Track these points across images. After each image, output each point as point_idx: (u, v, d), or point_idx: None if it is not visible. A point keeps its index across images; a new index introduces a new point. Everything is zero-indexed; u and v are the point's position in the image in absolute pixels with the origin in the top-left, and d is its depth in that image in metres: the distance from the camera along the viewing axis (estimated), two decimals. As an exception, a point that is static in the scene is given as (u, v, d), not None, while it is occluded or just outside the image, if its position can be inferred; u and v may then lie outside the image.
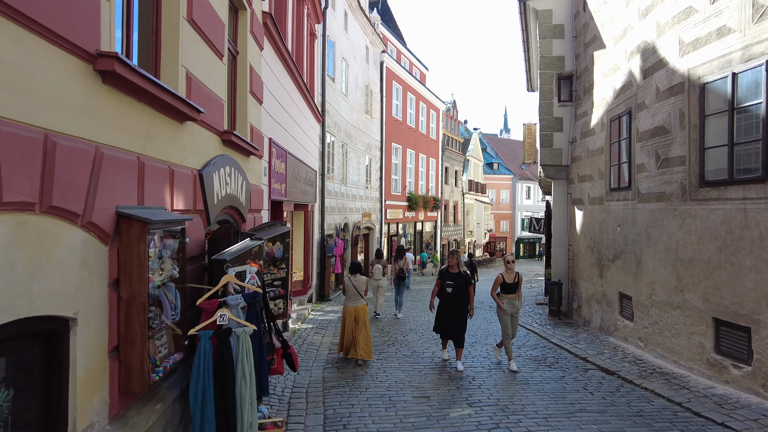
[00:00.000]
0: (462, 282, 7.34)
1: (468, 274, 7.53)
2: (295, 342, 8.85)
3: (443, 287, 7.45)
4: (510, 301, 7.36)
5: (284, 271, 6.13)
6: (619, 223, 8.86)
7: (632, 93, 8.29)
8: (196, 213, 4.14)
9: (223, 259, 3.53)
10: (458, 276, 7.40)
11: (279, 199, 8.39)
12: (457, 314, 7.30)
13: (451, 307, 7.35)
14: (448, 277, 7.45)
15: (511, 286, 7.40)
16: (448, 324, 7.40)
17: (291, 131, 9.66)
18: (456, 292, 7.31)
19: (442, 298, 7.50)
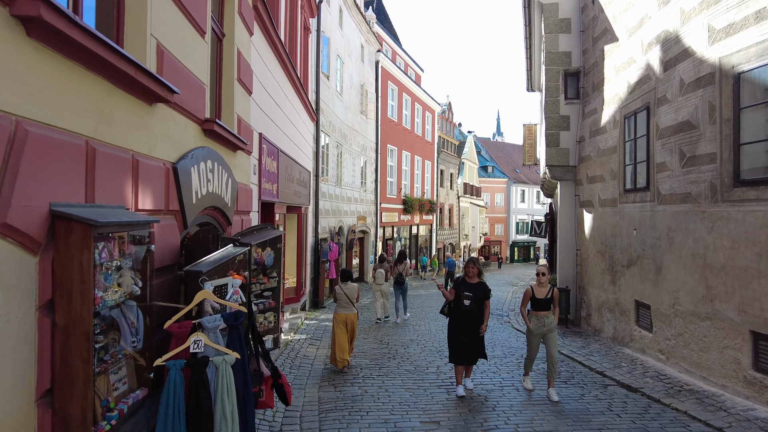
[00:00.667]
0: (482, 294, 6.20)
1: (488, 287, 6.37)
2: (288, 355, 8.18)
3: (459, 300, 6.22)
4: (540, 320, 6.21)
5: (275, 280, 5.47)
6: (635, 226, 8.28)
7: (650, 87, 7.72)
8: (170, 214, 3.48)
9: (197, 270, 2.87)
10: (478, 287, 6.23)
11: (270, 200, 7.72)
12: (476, 332, 6.22)
13: (470, 324, 6.19)
14: (465, 287, 6.25)
15: (544, 302, 6.19)
16: (470, 346, 6.19)
17: (283, 128, 9.01)
18: (475, 306, 6.16)
19: (457, 315, 6.25)
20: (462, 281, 6.38)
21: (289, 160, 9.42)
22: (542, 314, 6.23)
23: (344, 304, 7.62)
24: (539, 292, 6.25)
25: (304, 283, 12.46)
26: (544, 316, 6.23)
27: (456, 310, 6.31)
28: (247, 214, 6.08)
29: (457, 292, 6.30)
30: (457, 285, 6.39)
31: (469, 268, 6.41)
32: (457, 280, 6.46)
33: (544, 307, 6.22)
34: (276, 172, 8.10)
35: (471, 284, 6.30)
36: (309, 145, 12.95)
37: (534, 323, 6.27)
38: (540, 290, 6.25)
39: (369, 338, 9.82)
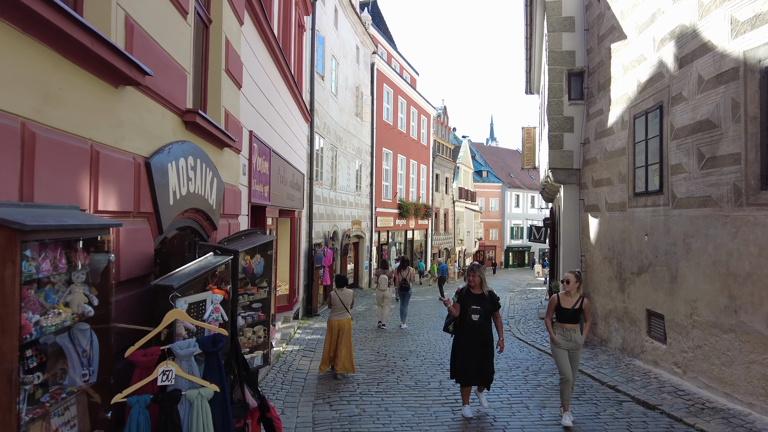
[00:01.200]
0: (490, 306, 5.59)
1: (495, 295, 5.77)
2: (279, 369, 7.67)
3: (465, 315, 5.54)
4: (565, 333, 5.45)
5: (265, 290, 4.98)
6: (646, 231, 7.87)
7: (664, 85, 7.33)
8: (141, 217, 2.99)
9: (166, 285, 2.38)
10: (485, 298, 5.60)
11: (261, 203, 7.24)
12: (487, 350, 5.56)
13: (480, 341, 5.53)
14: (470, 300, 5.56)
15: (570, 314, 5.46)
16: (479, 365, 5.51)
17: (276, 127, 8.54)
18: (484, 320, 5.52)
19: (464, 332, 5.57)
20: (467, 293, 5.68)
21: (281, 161, 8.94)
22: (568, 327, 5.47)
23: (338, 309, 7.59)
24: (566, 302, 5.51)
25: (297, 290, 11.95)
26: (570, 330, 5.47)
27: (463, 327, 5.60)
28: (236, 217, 5.59)
29: (463, 305, 5.61)
30: (462, 298, 5.67)
31: (471, 277, 5.68)
32: (461, 293, 5.75)
33: (570, 319, 5.47)
34: (267, 174, 7.62)
35: (477, 296, 5.62)
36: (303, 147, 12.48)
37: (560, 336, 5.51)
38: (567, 299, 5.52)
39: (366, 348, 9.32)
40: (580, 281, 5.61)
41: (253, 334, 4.90)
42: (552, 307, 5.64)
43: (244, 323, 4.79)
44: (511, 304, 18.01)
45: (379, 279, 11.77)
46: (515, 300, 19.54)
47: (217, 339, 2.47)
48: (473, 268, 5.77)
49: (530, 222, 57.00)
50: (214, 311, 2.78)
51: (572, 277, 5.57)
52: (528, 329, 11.99)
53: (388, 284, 11.77)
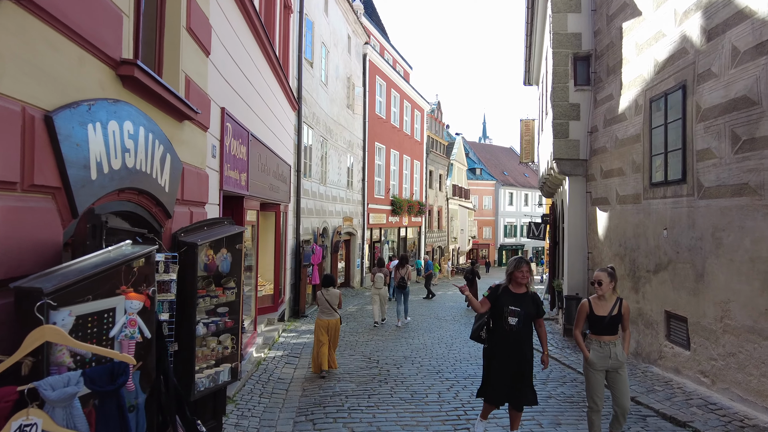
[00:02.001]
0: (534, 309, 4.48)
1: (539, 298, 4.62)
2: (258, 378, 6.84)
3: (500, 318, 4.44)
4: (602, 348, 4.34)
5: (233, 292, 4.16)
6: (665, 225, 7.13)
7: (687, 62, 6.59)
8: (37, 192, 2.17)
9: (33, 288, 1.56)
10: (528, 299, 4.48)
11: (237, 192, 6.40)
12: (524, 365, 4.44)
13: (515, 351, 4.42)
14: (509, 299, 4.45)
15: (607, 322, 4.35)
16: (513, 383, 4.44)
17: (256, 109, 7.70)
18: (524, 326, 4.42)
19: (497, 339, 4.48)
20: (505, 291, 4.52)
21: (263, 149, 8.11)
22: (606, 339, 4.36)
23: (325, 309, 7.51)
24: (600, 308, 4.41)
25: (282, 290, 11.12)
26: (609, 343, 4.36)
27: (495, 333, 4.49)
28: (201, 205, 4.76)
29: (498, 306, 4.48)
30: (498, 297, 4.51)
31: (520, 273, 4.47)
32: (497, 290, 4.56)
33: (607, 329, 4.37)
34: (245, 160, 6.78)
35: (518, 295, 4.47)
36: (289, 137, 11.64)
37: (595, 353, 4.38)
38: (600, 305, 4.43)
39: (356, 354, 8.52)
40: (615, 280, 4.49)
41: (218, 345, 4.08)
42: (582, 315, 4.50)
43: (207, 332, 3.96)
44: (508, 304, 17.33)
45: (375, 277, 11.58)
46: (512, 299, 18.84)
47: (117, 372, 1.66)
48: (524, 260, 4.59)
49: (528, 218, 56.59)
50: (128, 325, 1.97)
51: (605, 277, 4.43)
52: (529, 331, 11.25)
53: (384, 282, 11.56)
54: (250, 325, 8.12)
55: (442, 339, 9.99)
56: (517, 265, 4.51)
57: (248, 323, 8.04)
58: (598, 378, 4.41)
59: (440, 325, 11.96)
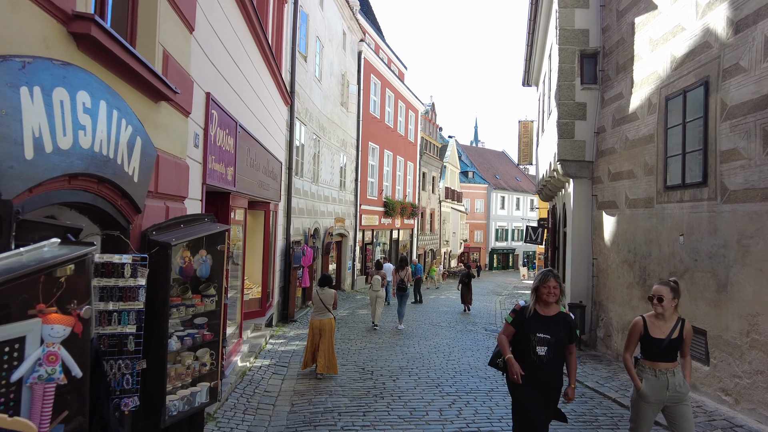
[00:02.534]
0: (565, 334, 3.62)
1: (572, 318, 3.76)
2: (243, 391, 6.27)
3: (527, 346, 3.60)
4: (660, 378, 3.59)
5: (213, 300, 3.60)
6: (682, 231, 6.69)
7: (711, 56, 6.15)
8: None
9: None
10: (559, 322, 3.62)
11: (223, 187, 5.84)
12: (552, 396, 3.67)
13: (544, 386, 3.61)
14: (537, 324, 3.59)
15: (666, 346, 3.61)
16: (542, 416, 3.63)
17: (246, 99, 7.14)
18: (555, 355, 3.57)
19: (524, 370, 3.56)
20: (533, 314, 3.64)
21: (253, 142, 7.55)
22: (662, 367, 3.60)
23: (319, 309, 7.45)
24: (657, 329, 3.65)
25: (271, 294, 10.54)
26: (666, 372, 3.59)
27: (523, 363, 3.58)
28: (179, 200, 4.20)
29: (523, 331, 3.64)
30: (524, 321, 3.66)
31: (549, 287, 3.61)
32: (523, 313, 3.69)
33: (664, 355, 3.61)
34: (233, 152, 6.23)
35: (547, 319, 3.61)
36: (281, 132, 11.08)
37: (649, 384, 3.60)
38: (658, 325, 3.66)
39: (348, 363, 7.97)
40: (677, 296, 3.68)
41: (194, 361, 3.52)
42: (635, 337, 3.73)
43: (181, 346, 3.41)
44: (501, 310, 16.87)
45: (373, 279, 11.44)
46: (505, 304, 18.40)
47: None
48: (551, 274, 3.66)
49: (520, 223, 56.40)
50: (45, 362, 1.40)
51: (666, 292, 3.63)
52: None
53: (381, 284, 11.37)
54: (235, 331, 7.55)
55: (438, 348, 9.48)
56: (543, 279, 3.63)
57: (233, 329, 7.47)
58: (650, 413, 3.65)
59: (436, 332, 11.45)
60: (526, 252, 56.71)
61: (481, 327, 12.65)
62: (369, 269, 22.64)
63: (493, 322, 13.78)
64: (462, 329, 12.05)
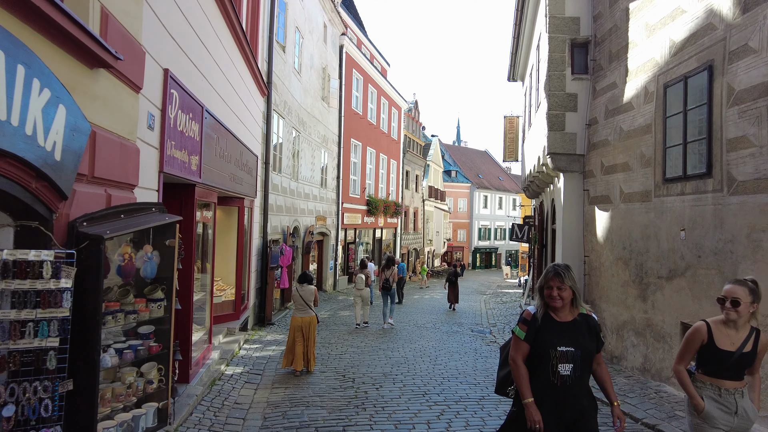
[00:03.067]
0: (592, 343, 2.87)
1: (595, 320, 2.96)
2: (210, 404, 5.67)
3: (546, 365, 2.82)
4: (725, 397, 2.95)
5: (161, 305, 3.02)
6: (683, 225, 6.30)
7: (715, 39, 5.76)
8: None
9: None
10: (578, 329, 2.87)
11: (185, 177, 5.23)
12: (582, 425, 2.81)
13: (572, 411, 2.80)
14: (554, 334, 2.84)
15: (736, 360, 2.96)
16: None
17: (215, 83, 6.54)
18: (582, 373, 2.83)
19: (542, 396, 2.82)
20: (546, 320, 2.87)
21: (223, 131, 6.94)
22: (729, 386, 2.96)
23: (300, 306, 7.43)
24: (724, 338, 2.98)
25: (246, 296, 9.92)
26: (735, 392, 2.95)
27: (538, 388, 2.82)
28: (127, 188, 3.59)
29: (539, 344, 2.84)
30: (536, 330, 2.86)
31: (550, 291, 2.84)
32: (535, 323, 2.88)
33: (732, 371, 2.97)
34: (198, 140, 5.62)
35: (567, 325, 2.85)
36: (257, 124, 10.45)
37: (713, 404, 2.96)
38: (726, 334, 2.99)
39: (328, 370, 7.42)
40: (757, 300, 2.99)
41: (138, 378, 2.94)
42: (693, 345, 3.03)
43: (121, 361, 2.82)
44: (487, 309, 16.47)
45: (357, 278, 11.45)
46: (490, 304, 18.02)
47: None
48: (556, 271, 2.84)
49: (502, 222, 56.39)
50: None
51: (744, 294, 2.96)
52: (517, 341, 10.36)
53: (365, 284, 11.40)
54: (204, 337, 6.93)
55: (424, 351, 8.98)
56: (545, 277, 2.86)
57: (201, 335, 6.85)
58: None
59: (420, 333, 10.95)
60: (508, 251, 56.74)
61: (467, 328, 12.20)
62: (352, 269, 22.11)
63: (479, 322, 13.34)
64: (448, 330, 11.58)
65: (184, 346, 5.79)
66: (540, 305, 2.92)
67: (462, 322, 13.25)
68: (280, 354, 8.31)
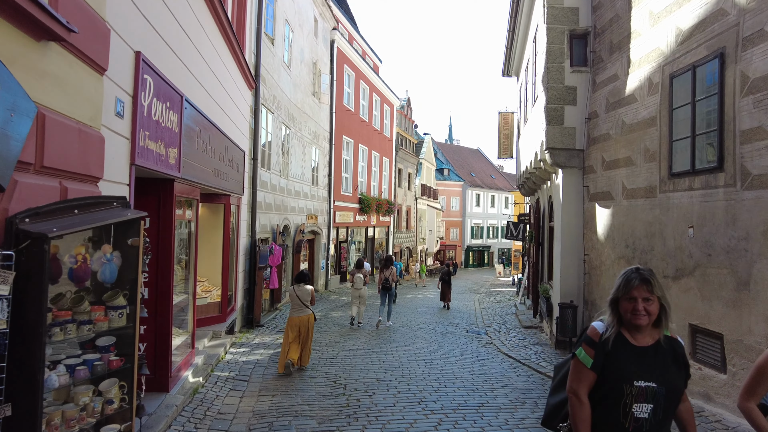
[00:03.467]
0: (680, 377, 2.18)
1: (681, 343, 2.25)
2: (191, 414, 5.28)
3: (616, 402, 2.13)
4: None
5: (123, 313, 2.64)
6: (691, 222, 6.00)
7: (728, 24, 5.45)
8: None
9: None
10: (662, 356, 2.17)
11: (162, 171, 4.83)
12: None
13: None
14: (630, 365, 2.13)
15: None
16: None
17: (197, 72, 6.13)
18: (663, 416, 2.14)
19: None
20: (619, 343, 2.19)
21: (206, 123, 6.53)
22: None
23: (297, 306, 7.39)
24: None
25: (233, 297, 9.51)
26: None
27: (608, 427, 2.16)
28: (90, 181, 3.19)
29: (611, 378, 2.16)
30: (607, 356, 2.18)
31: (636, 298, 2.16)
32: (601, 343, 2.21)
33: None
34: (177, 131, 5.21)
35: (645, 351, 2.18)
36: (244, 118, 10.04)
37: None
38: None
39: (318, 375, 7.04)
40: None
41: (95, 398, 2.55)
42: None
43: (71, 380, 2.43)
44: (481, 309, 16.17)
45: (355, 278, 11.48)
46: (484, 303, 17.73)
47: None
48: (642, 277, 2.18)
49: (495, 220, 56.21)
50: None
51: None
52: (513, 341, 10.06)
53: (363, 283, 11.39)
54: (186, 341, 6.53)
55: (419, 354, 8.63)
56: (627, 285, 2.17)
57: (184, 339, 6.45)
58: None
59: (414, 335, 10.61)
60: (501, 249, 56.60)
61: (462, 328, 11.87)
62: (344, 268, 21.74)
63: (474, 322, 13.03)
64: (443, 331, 11.24)
65: (163, 352, 5.40)
66: (612, 323, 2.21)
67: (456, 322, 12.92)
68: (268, 358, 7.92)
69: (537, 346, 9.44)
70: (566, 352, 8.69)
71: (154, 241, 5.33)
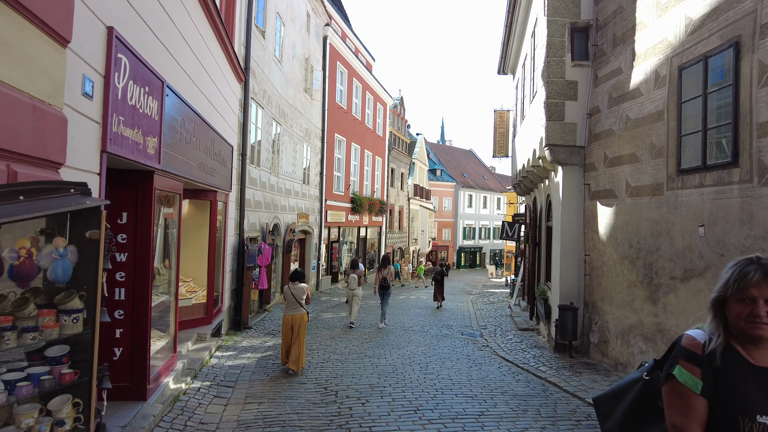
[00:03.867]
0: None
1: None
2: (171, 425, 4.88)
3: None
4: None
5: (78, 317, 2.25)
6: (701, 221, 5.71)
7: (743, 12, 5.17)
8: None
9: None
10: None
11: (139, 162, 4.43)
12: None
13: None
14: (752, 388, 1.52)
15: None
16: None
17: (181, 59, 5.73)
18: None
19: None
20: (730, 359, 1.55)
21: (190, 113, 6.14)
22: None
23: (291, 304, 7.38)
24: None
25: (220, 298, 9.10)
26: None
27: None
28: (49, 166, 2.81)
29: (722, 407, 1.52)
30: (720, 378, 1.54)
31: (756, 298, 1.52)
32: (706, 358, 1.56)
33: None
34: (157, 119, 4.82)
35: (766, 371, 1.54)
36: (232, 112, 9.63)
37: None
38: None
39: (307, 381, 6.67)
40: None
41: (41, 419, 2.16)
42: None
43: (9, 398, 2.04)
44: (475, 310, 15.86)
45: (349, 278, 11.53)
46: (478, 304, 17.42)
47: None
48: (759, 269, 1.54)
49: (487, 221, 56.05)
50: None
51: None
52: (510, 344, 9.75)
53: (358, 283, 11.42)
54: (168, 345, 6.12)
55: (413, 358, 8.28)
56: (740, 280, 1.56)
57: (165, 342, 6.05)
58: None
59: (409, 338, 10.26)
60: (493, 250, 56.44)
61: (456, 330, 11.55)
62: (335, 269, 21.36)
63: (468, 324, 12.70)
64: (437, 333, 10.90)
65: (140, 357, 5.00)
66: (716, 331, 1.61)
67: (451, 324, 12.59)
68: (255, 362, 7.54)
69: (535, 350, 9.13)
70: (566, 355, 8.39)
71: (132, 237, 4.95)
